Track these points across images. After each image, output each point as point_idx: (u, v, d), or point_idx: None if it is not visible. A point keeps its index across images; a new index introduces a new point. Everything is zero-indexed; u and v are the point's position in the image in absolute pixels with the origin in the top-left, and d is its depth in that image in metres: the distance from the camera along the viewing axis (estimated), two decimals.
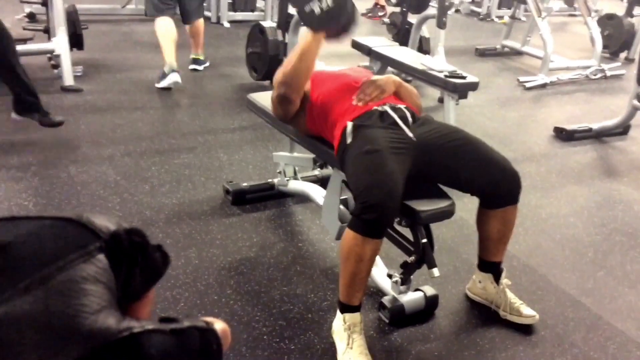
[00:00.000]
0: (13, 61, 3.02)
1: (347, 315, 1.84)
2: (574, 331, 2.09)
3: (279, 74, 2.14)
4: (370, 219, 1.73)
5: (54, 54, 3.84)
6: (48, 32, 4.15)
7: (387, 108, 2.02)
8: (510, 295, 2.10)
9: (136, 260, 0.56)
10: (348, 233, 1.78)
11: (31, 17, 5.39)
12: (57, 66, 3.93)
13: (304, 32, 2.02)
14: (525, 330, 2.06)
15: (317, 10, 1.93)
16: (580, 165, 3.60)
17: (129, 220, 2.51)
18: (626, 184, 3.39)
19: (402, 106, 2.06)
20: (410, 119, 2.02)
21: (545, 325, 2.10)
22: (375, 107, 2.02)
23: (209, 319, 0.57)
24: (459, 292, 2.24)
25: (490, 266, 2.11)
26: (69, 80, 3.91)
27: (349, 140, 1.96)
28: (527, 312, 2.07)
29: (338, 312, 1.88)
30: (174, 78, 4.03)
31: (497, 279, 2.11)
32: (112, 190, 2.73)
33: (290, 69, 2.08)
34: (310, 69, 2.09)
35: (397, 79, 2.20)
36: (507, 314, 2.08)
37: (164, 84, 4.07)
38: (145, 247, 0.57)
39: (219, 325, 0.56)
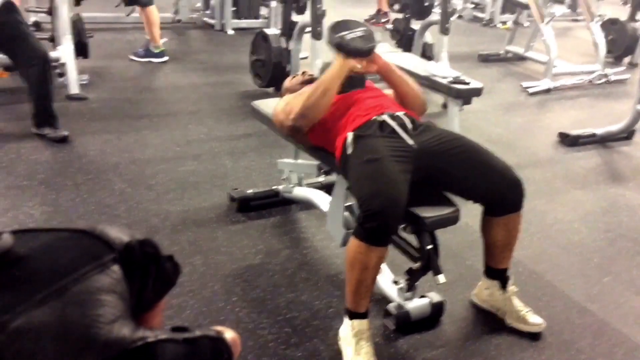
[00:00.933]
0: (49, 87, 3.25)
1: (356, 322, 1.85)
2: (581, 337, 2.09)
3: (296, 105, 2.07)
4: (372, 227, 1.73)
5: (59, 62, 3.86)
6: (53, 41, 4.17)
7: (385, 117, 2.03)
8: (517, 302, 2.10)
9: (149, 271, 0.57)
10: (353, 241, 1.79)
11: (37, 25, 5.42)
12: (62, 74, 3.95)
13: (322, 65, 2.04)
14: (532, 336, 2.05)
15: (350, 37, 2.08)
16: (585, 170, 3.59)
17: (135, 228, 2.52)
18: (631, 189, 3.39)
19: (400, 114, 2.07)
20: (410, 126, 2.03)
21: (552, 331, 2.09)
22: (374, 117, 2.03)
23: (220, 328, 0.58)
24: (465, 299, 2.24)
25: (497, 273, 2.11)
26: (74, 88, 3.94)
27: (349, 150, 1.97)
28: (534, 320, 2.06)
29: (346, 318, 1.88)
30: (164, 58, 4.92)
31: (503, 285, 2.10)
32: (118, 198, 2.75)
33: (311, 102, 2.05)
34: (330, 103, 2.07)
35: (390, 64, 2.20)
36: (513, 321, 2.08)
37: (154, 60, 4.88)
38: (158, 258, 0.58)
39: (229, 334, 0.57)
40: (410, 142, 1.96)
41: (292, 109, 2.10)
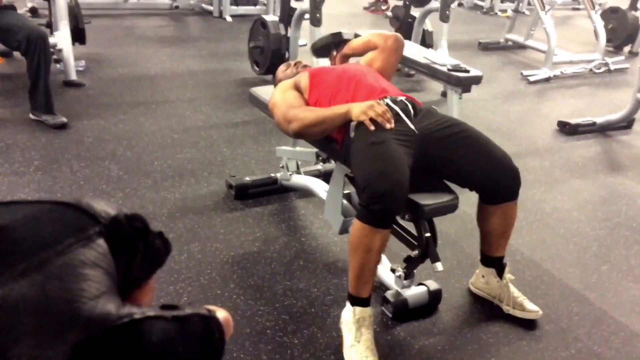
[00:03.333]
0: (47, 77, 3.25)
1: (358, 309, 1.84)
2: (578, 325, 2.09)
3: (297, 120, 2.04)
4: (378, 209, 1.72)
5: (56, 48, 3.83)
6: (50, 27, 4.13)
7: (388, 101, 2.02)
8: (514, 289, 2.09)
9: (137, 247, 0.55)
10: (356, 224, 1.78)
11: (33, 11, 5.37)
12: (59, 61, 3.93)
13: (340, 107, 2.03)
14: (529, 324, 2.06)
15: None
16: (584, 159, 3.58)
17: None
18: (630, 178, 3.38)
19: (403, 98, 2.06)
20: (411, 111, 2.02)
21: (549, 319, 2.09)
22: (377, 101, 2.01)
23: (212, 307, 0.56)
24: (463, 287, 2.23)
25: (493, 261, 2.10)
26: (71, 75, 3.91)
27: (352, 134, 1.95)
28: (531, 307, 2.06)
29: (348, 303, 1.88)
30: None
31: (500, 273, 2.10)
32: (115, 185, 2.73)
33: (311, 131, 2.04)
34: (326, 133, 2.06)
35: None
36: (510, 308, 2.08)
37: None
38: (146, 233, 0.56)
39: (221, 313, 0.55)
40: (412, 127, 1.95)
41: (292, 120, 2.05)
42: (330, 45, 2.54)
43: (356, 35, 2.57)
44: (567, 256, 2.52)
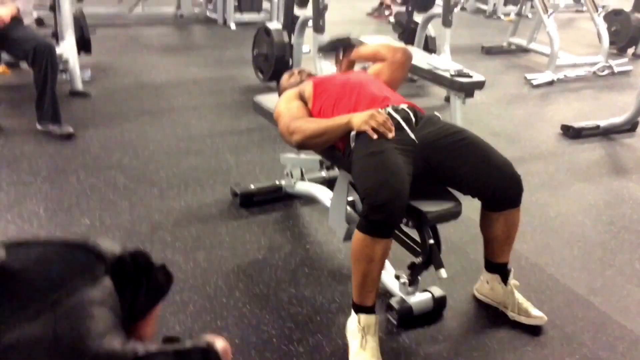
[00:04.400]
0: (53, 87, 3.28)
1: (362, 316, 1.85)
2: (583, 331, 2.09)
3: (300, 131, 2.05)
4: (377, 219, 1.73)
5: (62, 58, 3.87)
6: (56, 37, 4.18)
7: (389, 110, 2.03)
8: (519, 295, 2.10)
9: (141, 282, 0.57)
10: (357, 234, 1.79)
11: (39, 22, 5.42)
12: (65, 71, 3.96)
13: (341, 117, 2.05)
14: (534, 330, 2.06)
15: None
16: (588, 162, 3.58)
17: (138, 224, 2.53)
18: (635, 182, 3.38)
19: (404, 106, 2.07)
20: (413, 120, 2.03)
21: (554, 324, 2.10)
22: (379, 110, 2.02)
23: (210, 337, 0.58)
24: (467, 293, 2.24)
25: (497, 267, 2.11)
26: (77, 84, 3.95)
27: (353, 144, 1.97)
28: (536, 313, 2.07)
29: (353, 312, 1.89)
30: None
31: (504, 279, 2.10)
32: (121, 194, 2.76)
33: (313, 142, 2.07)
34: (328, 144, 2.09)
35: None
36: (515, 314, 2.08)
37: None
38: (150, 268, 0.59)
39: (220, 344, 0.57)
40: (413, 136, 1.97)
41: (294, 132, 2.07)
42: (338, 46, 2.59)
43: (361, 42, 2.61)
44: (571, 261, 2.53)
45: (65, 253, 0.54)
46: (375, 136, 1.91)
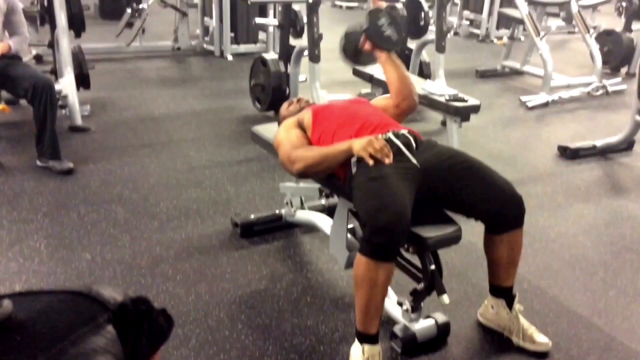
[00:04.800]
0: (53, 124, 3.31)
1: (367, 347, 1.85)
2: (588, 353, 2.08)
3: (300, 160, 2.07)
4: (380, 241, 1.74)
5: (61, 94, 3.91)
6: (55, 74, 4.24)
7: (390, 135, 2.05)
8: (524, 321, 2.09)
9: (142, 328, 0.59)
10: (359, 259, 1.79)
11: (38, 58, 5.51)
12: (64, 107, 4.00)
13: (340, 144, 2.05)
14: (539, 354, 2.05)
15: (389, 33, 2.29)
16: (586, 183, 3.60)
17: (139, 258, 2.53)
18: (633, 201, 3.39)
19: (405, 132, 2.09)
20: (414, 145, 2.05)
21: (559, 348, 2.09)
22: (379, 135, 2.05)
23: None
24: (471, 318, 2.23)
25: (502, 291, 2.10)
26: (77, 120, 3.98)
27: (354, 169, 1.99)
28: (541, 340, 2.06)
29: (356, 341, 1.88)
30: None
31: (509, 304, 2.10)
32: (122, 228, 2.76)
33: (315, 169, 2.08)
34: (331, 170, 2.10)
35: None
36: (520, 340, 2.07)
37: None
38: (151, 313, 0.60)
39: None
40: (414, 161, 1.98)
41: (295, 161, 2.09)
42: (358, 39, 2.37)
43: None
44: (573, 282, 2.52)
45: (70, 302, 0.56)
46: (371, 162, 1.92)
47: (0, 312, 0.49)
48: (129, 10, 6.04)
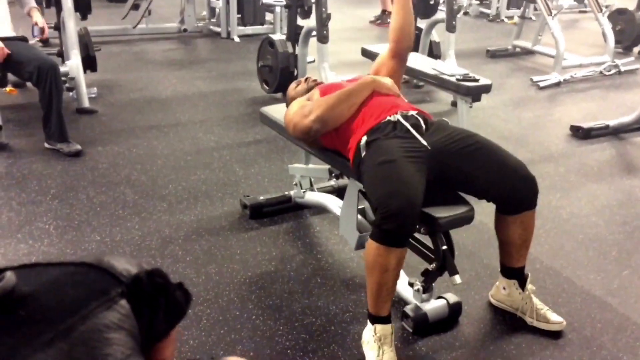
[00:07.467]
0: (59, 106, 3.30)
1: (378, 327, 1.83)
2: (602, 333, 2.06)
3: (317, 108, 2.07)
4: (391, 228, 1.71)
5: (68, 77, 3.89)
6: (62, 56, 4.21)
7: (399, 117, 2.01)
8: (536, 301, 2.07)
9: (158, 303, 0.55)
10: (370, 244, 1.77)
11: (44, 41, 5.47)
12: (71, 89, 3.98)
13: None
14: (552, 334, 2.03)
15: None
16: (599, 163, 3.55)
17: (148, 239, 2.52)
18: None
19: (414, 113, 2.06)
20: (423, 126, 2.01)
21: (572, 328, 2.07)
22: (388, 117, 2.01)
23: (231, 358, 0.57)
24: (482, 298, 2.21)
25: (514, 272, 2.08)
26: (83, 102, 3.96)
27: (363, 153, 1.96)
28: (555, 319, 2.04)
29: (369, 322, 1.87)
30: None
31: (522, 284, 2.07)
32: (131, 210, 2.75)
33: (336, 111, 2.05)
34: (353, 109, 2.07)
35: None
36: (534, 320, 2.05)
37: None
38: (167, 287, 0.57)
39: None
40: (424, 142, 1.95)
41: (310, 111, 2.08)
42: None
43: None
44: (587, 262, 2.49)
45: (79, 275, 0.52)
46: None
47: (2, 285, 0.46)
48: None
